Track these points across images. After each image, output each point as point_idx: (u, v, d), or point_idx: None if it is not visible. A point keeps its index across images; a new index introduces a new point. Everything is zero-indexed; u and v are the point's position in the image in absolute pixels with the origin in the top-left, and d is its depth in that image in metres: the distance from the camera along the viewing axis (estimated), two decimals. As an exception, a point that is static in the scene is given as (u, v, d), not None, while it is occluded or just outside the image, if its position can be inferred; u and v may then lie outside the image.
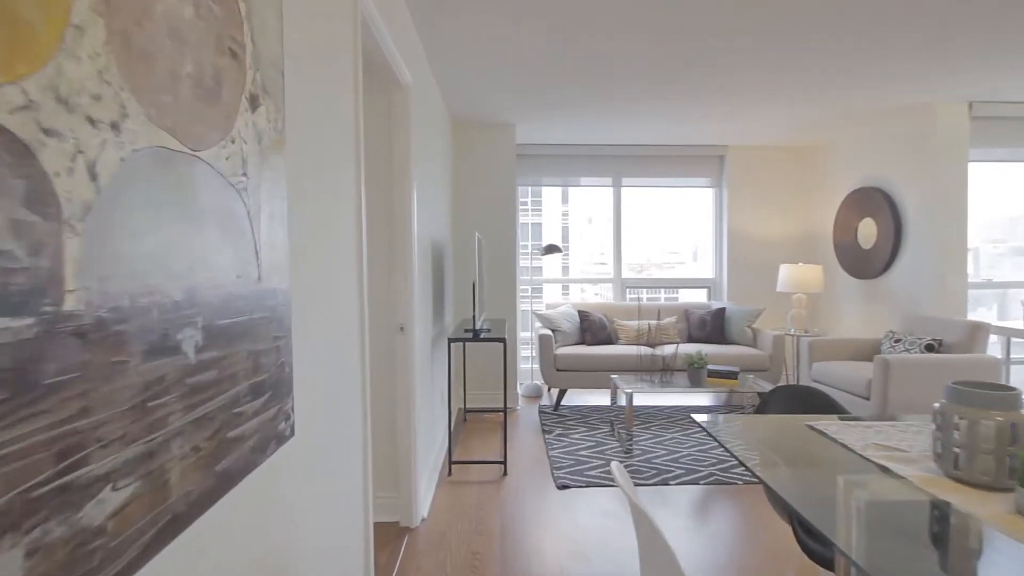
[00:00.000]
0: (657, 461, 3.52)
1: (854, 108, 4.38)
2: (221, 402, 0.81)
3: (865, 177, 4.98)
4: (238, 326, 0.86)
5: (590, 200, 6.18)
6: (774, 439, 1.71)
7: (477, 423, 4.40)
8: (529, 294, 5.70)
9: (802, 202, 5.65)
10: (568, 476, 3.30)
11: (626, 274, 5.75)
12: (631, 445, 3.70)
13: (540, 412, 4.64)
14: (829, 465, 1.47)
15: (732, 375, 3.89)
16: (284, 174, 1.09)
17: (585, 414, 4.57)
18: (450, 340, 3.34)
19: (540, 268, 6.32)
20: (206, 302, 0.79)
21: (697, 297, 5.98)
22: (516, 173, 5.00)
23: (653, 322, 5.01)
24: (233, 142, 0.88)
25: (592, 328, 4.92)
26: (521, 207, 7.97)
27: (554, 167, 5.60)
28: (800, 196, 5.65)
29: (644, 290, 5.89)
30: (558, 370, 4.62)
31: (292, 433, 1.09)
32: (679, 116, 4.56)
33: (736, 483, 3.22)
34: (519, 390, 5.27)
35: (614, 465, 1.30)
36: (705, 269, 5.93)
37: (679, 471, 3.36)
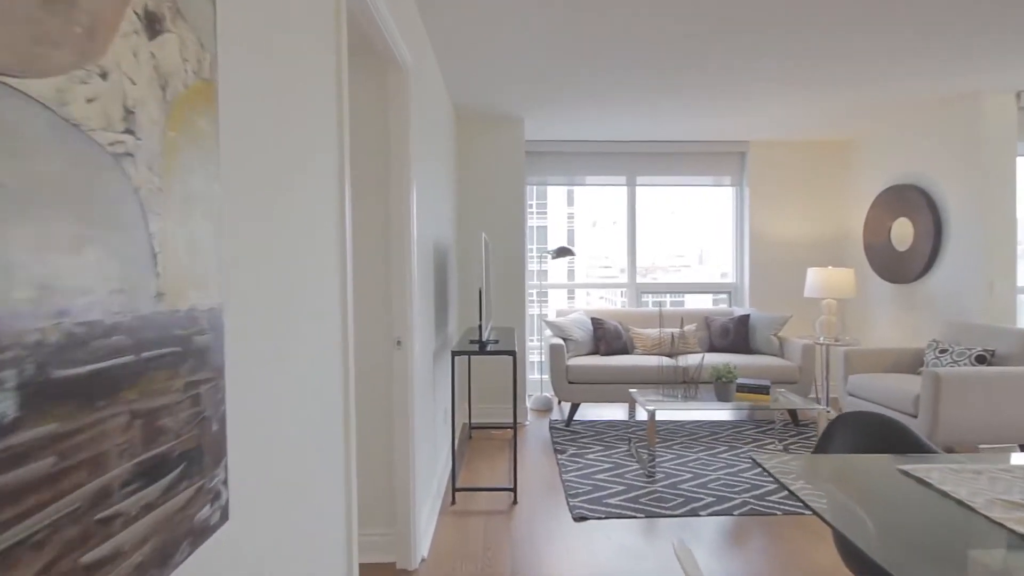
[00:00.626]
0: (683, 487, 3.17)
1: (888, 99, 4.03)
2: (63, 510, 0.48)
3: (900, 174, 4.62)
4: (106, 375, 0.53)
5: (596, 201, 5.83)
6: (859, 488, 1.36)
7: (484, 441, 4.06)
8: (535, 300, 5.36)
9: (829, 202, 5.30)
10: (585, 506, 2.95)
11: (636, 278, 5.40)
12: (653, 467, 3.36)
13: (551, 428, 4.30)
14: (946, 530, 1.12)
15: (763, 389, 3.54)
16: (216, 141, 0.75)
17: (600, 430, 4.22)
18: (454, 353, 3.00)
19: (546, 272, 5.98)
20: (30, 341, 0.45)
21: (710, 303, 5.63)
22: (525, 171, 4.67)
23: (675, 330, 4.67)
24: (104, 77, 0.54)
25: (607, 337, 4.57)
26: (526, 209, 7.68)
27: (563, 165, 5.27)
28: (827, 195, 5.30)
29: (650, 295, 5.54)
30: (571, 383, 4.28)
31: (224, 518, 0.75)
32: (697, 109, 4.23)
33: (774, 513, 2.87)
34: (528, 403, 4.93)
35: (675, 544, 0.96)
36: (711, 273, 5.58)
37: (708, 499, 3.01)
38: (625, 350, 4.65)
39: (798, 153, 5.29)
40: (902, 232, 4.54)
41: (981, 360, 3.42)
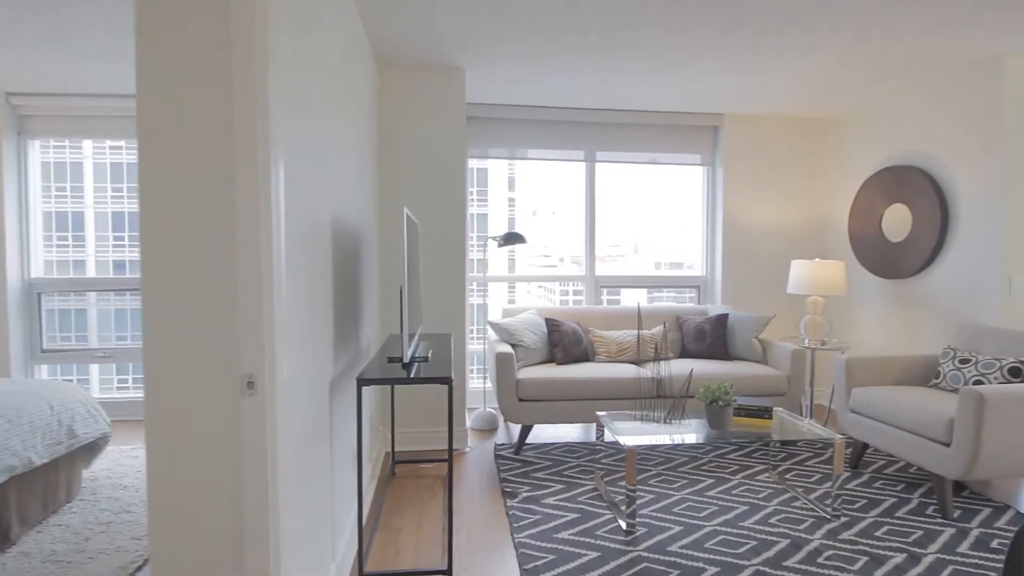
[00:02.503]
0: (673, 548, 2.37)
1: (885, 63, 3.37)
2: None
3: (897, 153, 4.01)
4: None
5: (544, 184, 4.97)
6: None
7: (410, 479, 3.13)
8: (475, 291, 4.46)
9: (814, 185, 4.66)
10: (549, 591, 2.10)
11: (571, 270, 4.60)
12: (634, 525, 2.54)
13: (497, 456, 3.42)
14: None
15: (764, 413, 2.80)
16: None
17: (558, 458, 3.39)
18: (360, 382, 2.05)
19: (486, 262, 5.06)
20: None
21: (673, 301, 4.92)
22: (466, 137, 3.73)
23: (646, 332, 3.88)
24: None
25: (564, 341, 3.73)
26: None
27: (508, 135, 4.36)
28: (811, 178, 4.66)
29: (606, 290, 4.77)
30: (522, 400, 3.41)
31: None
32: (664, 71, 3.42)
33: (799, 589, 2.12)
34: (468, 422, 4.03)
35: None
36: (679, 265, 4.87)
37: (710, 567, 2.23)
38: (586, 357, 3.84)
39: (779, 129, 4.62)
40: (897, 220, 3.93)
41: (1016, 373, 2.81)
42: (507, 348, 3.49)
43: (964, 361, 3.03)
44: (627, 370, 3.54)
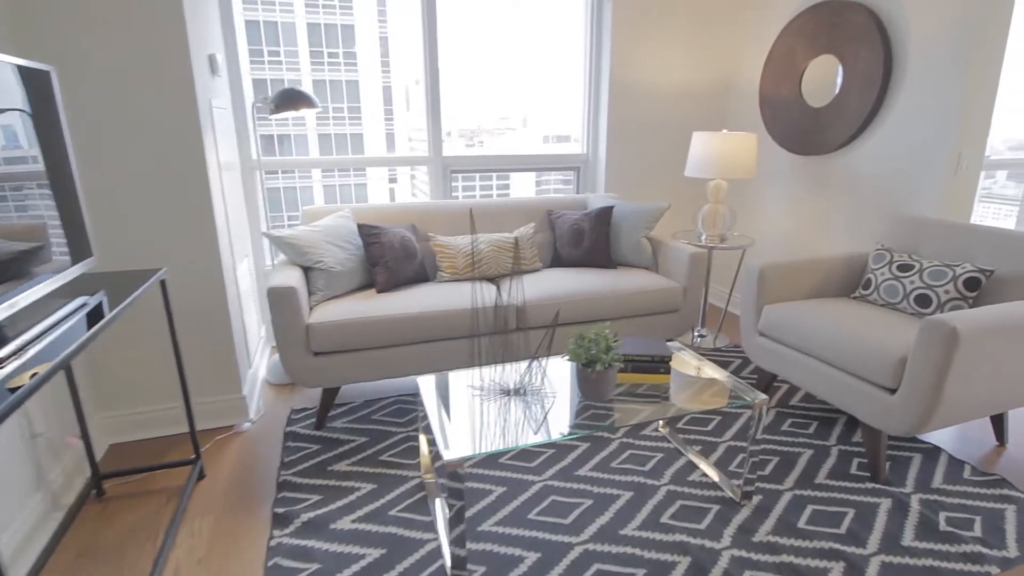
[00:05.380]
0: (523, 609, 1.47)
1: None
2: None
3: (829, -17, 2.94)
4: None
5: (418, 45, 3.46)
6: None
7: (128, 500, 1.93)
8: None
9: (722, 32, 3.52)
10: None
11: (443, 149, 3.30)
12: (464, 553, 1.58)
13: (288, 435, 2.29)
14: None
15: (660, 365, 1.87)
16: None
17: (379, 431, 2.33)
18: None
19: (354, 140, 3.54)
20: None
21: (547, 187, 3.82)
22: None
23: (502, 237, 2.75)
24: None
25: (389, 257, 2.52)
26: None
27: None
28: (719, 22, 3.50)
29: (460, 176, 3.55)
30: (317, 354, 2.24)
31: None
32: None
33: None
34: (244, 387, 2.83)
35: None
36: (532, 140, 3.71)
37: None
38: (423, 276, 2.69)
39: (683, -54, 3.34)
40: (822, 78, 2.97)
41: (973, 286, 2.07)
42: (290, 276, 2.23)
43: (904, 268, 2.26)
44: (469, 291, 2.45)
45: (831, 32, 2.87)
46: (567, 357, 1.70)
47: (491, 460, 2.10)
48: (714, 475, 2.00)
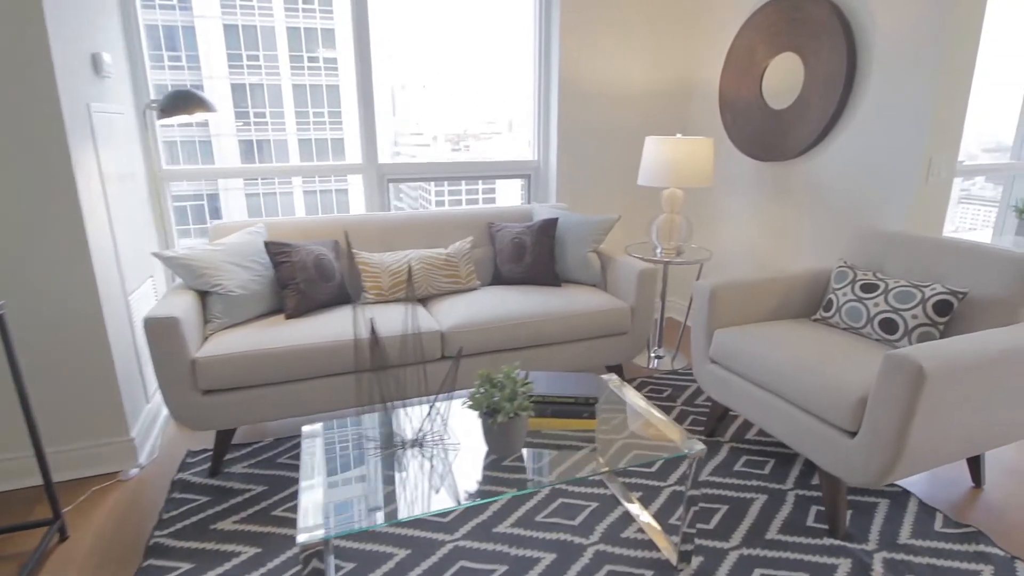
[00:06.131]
0: None
1: None
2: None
3: (789, -25, 2.69)
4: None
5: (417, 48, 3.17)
6: None
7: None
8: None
9: (680, 29, 3.28)
10: None
11: (384, 156, 3.02)
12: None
13: (176, 484, 2.00)
14: None
15: (584, 410, 1.60)
16: None
17: (280, 477, 2.05)
18: None
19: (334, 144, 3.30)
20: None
21: (500, 196, 3.56)
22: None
23: (433, 253, 2.48)
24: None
25: (300, 279, 2.24)
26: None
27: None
28: (677, 18, 3.26)
29: (404, 186, 3.28)
30: (207, 392, 1.96)
31: None
32: None
33: None
34: (164, 411, 2.54)
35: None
36: (520, 146, 3.45)
37: None
38: (347, 298, 2.41)
39: (635, -64, 3.09)
40: (783, 77, 2.73)
41: (944, 310, 1.83)
42: (177, 303, 1.94)
43: (868, 288, 2.01)
44: (391, 321, 2.17)
45: (791, 28, 2.63)
46: (467, 403, 1.43)
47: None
48: (652, 529, 1.74)
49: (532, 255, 2.61)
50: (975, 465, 1.97)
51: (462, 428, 1.59)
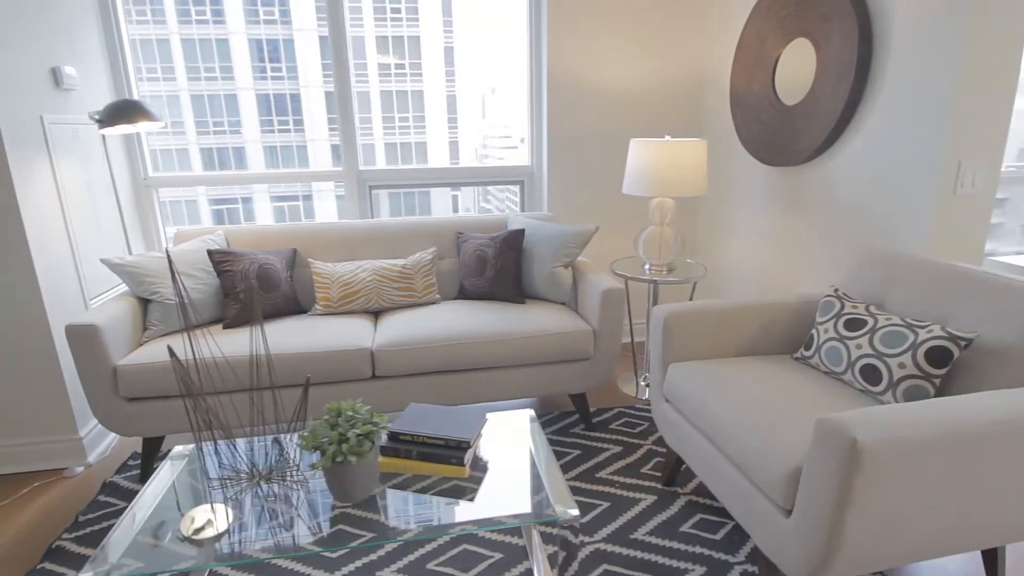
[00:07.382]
0: None
1: None
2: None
3: (802, -52, 2.28)
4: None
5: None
6: None
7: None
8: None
9: (687, 19, 2.92)
10: None
11: (359, 162, 2.94)
12: None
13: (107, 487, 2.02)
14: None
15: (453, 454, 1.39)
16: None
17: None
18: None
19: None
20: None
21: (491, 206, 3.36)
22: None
23: (389, 264, 2.35)
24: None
25: (242, 288, 2.20)
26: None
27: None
28: (683, 7, 2.90)
29: (384, 192, 3.16)
30: (132, 399, 1.96)
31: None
32: None
33: None
34: (82, 430, 2.60)
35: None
36: (522, 153, 3.24)
37: None
38: (298, 309, 2.35)
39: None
40: (796, 68, 2.32)
41: (940, 360, 1.41)
42: (108, 310, 1.96)
43: (854, 324, 1.61)
44: (330, 334, 2.06)
45: (801, 9, 2.22)
46: (298, 442, 1.28)
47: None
48: (551, 596, 1.50)
49: (493, 269, 2.41)
50: (991, 561, 1.52)
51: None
